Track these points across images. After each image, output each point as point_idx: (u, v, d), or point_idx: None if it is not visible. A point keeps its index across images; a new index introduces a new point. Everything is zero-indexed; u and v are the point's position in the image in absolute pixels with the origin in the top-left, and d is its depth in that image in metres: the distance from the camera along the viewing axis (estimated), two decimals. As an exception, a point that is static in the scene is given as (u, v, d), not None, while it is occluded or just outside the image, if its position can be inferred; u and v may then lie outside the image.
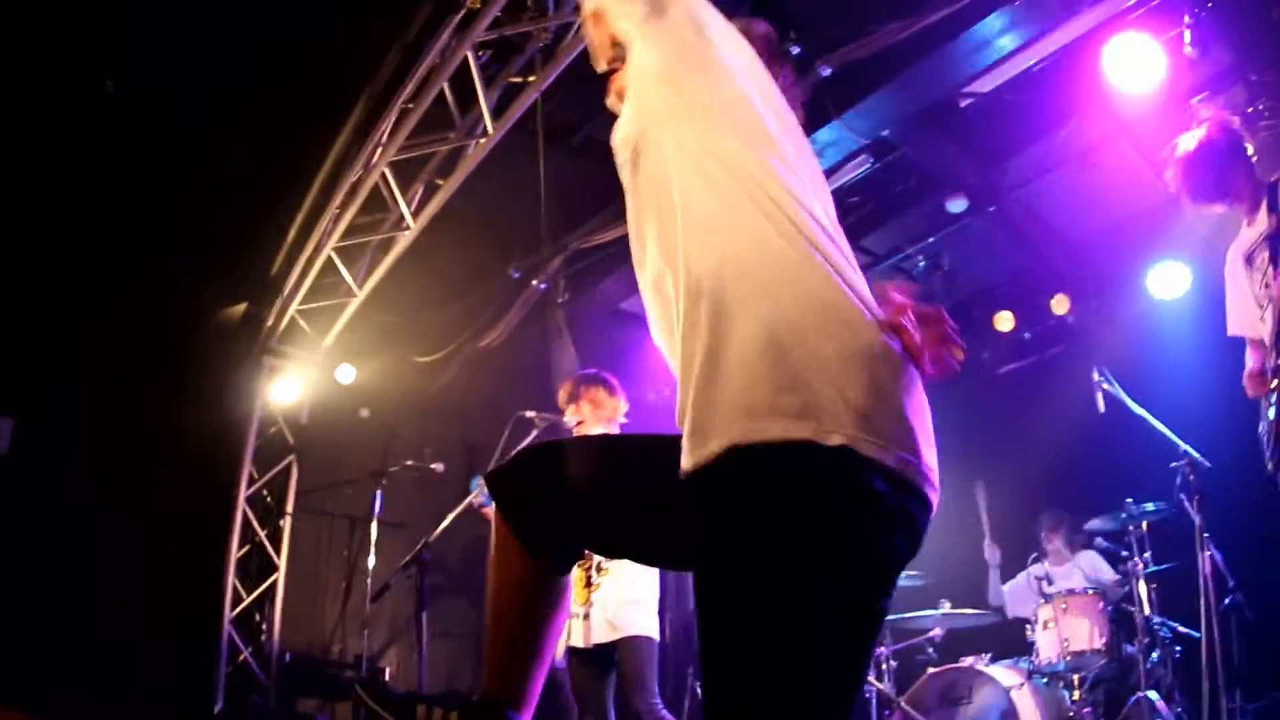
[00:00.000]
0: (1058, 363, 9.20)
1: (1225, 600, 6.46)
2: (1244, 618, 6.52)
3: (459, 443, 9.99)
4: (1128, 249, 8.39)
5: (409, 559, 6.99)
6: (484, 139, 7.30)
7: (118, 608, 8.85)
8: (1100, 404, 7.00)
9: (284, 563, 9.92)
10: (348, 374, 10.08)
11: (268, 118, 7.94)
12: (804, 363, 2.08)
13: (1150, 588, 7.07)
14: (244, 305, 9.95)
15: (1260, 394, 4.71)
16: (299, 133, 8.09)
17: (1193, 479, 6.59)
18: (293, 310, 9.53)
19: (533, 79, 6.84)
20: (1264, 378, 4.68)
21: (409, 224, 8.27)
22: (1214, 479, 6.61)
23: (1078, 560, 8.18)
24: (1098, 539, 8.01)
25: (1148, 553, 7.16)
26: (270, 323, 9.74)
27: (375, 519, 8.76)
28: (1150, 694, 6.69)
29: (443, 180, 7.90)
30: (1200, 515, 6.50)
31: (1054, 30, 6.43)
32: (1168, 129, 6.48)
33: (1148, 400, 6.95)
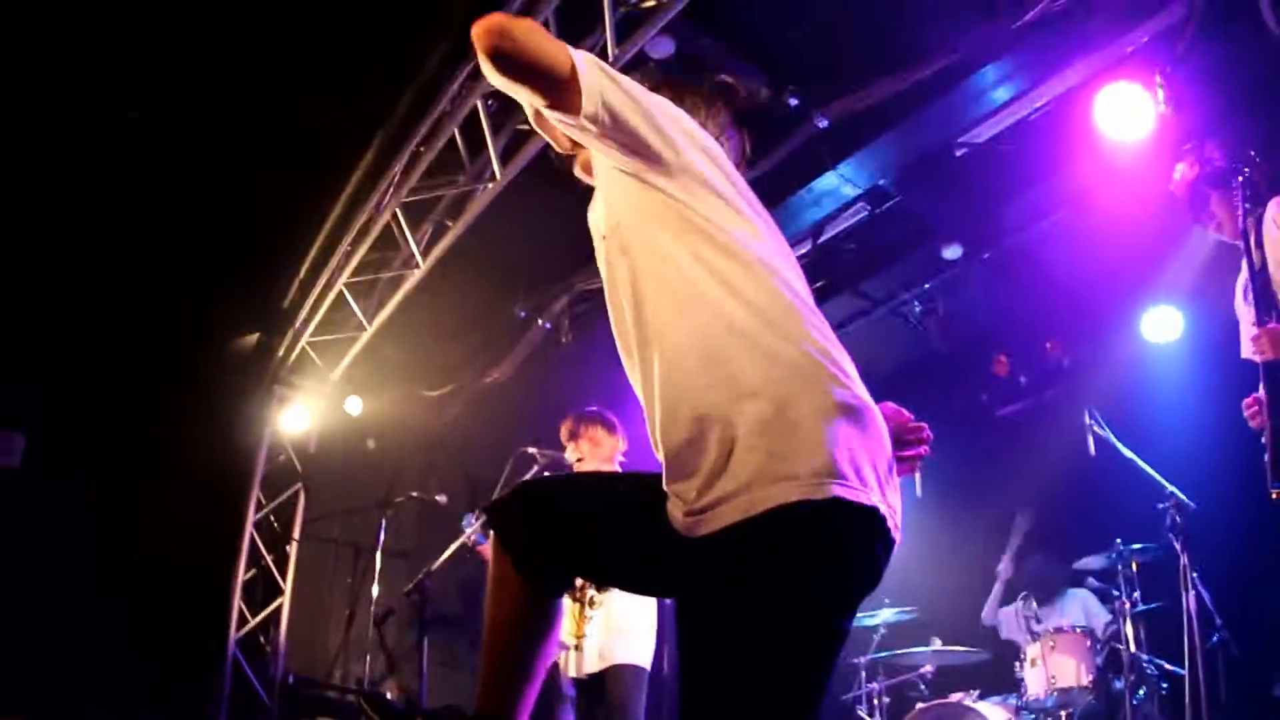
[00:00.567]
0: (1053, 405, 9.24)
1: (1211, 638, 6.52)
2: (1230, 654, 6.55)
3: (463, 476, 10.14)
4: (1121, 293, 8.48)
5: (411, 586, 7.14)
6: (492, 184, 7.46)
7: (124, 626, 8.98)
8: (1091, 446, 7.14)
9: (289, 587, 10.10)
10: (356, 406, 10.27)
11: (286, 155, 8.05)
12: (786, 429, 2.28)
13: (1138, 626, 7.14)
14: (256, 335, 10.15)
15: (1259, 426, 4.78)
16: (315, 171, 8.25)
17: (1179, 519, 6.67)
18: (304, 342, 9.73)
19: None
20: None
21: (418, 262, 8.42)
22: (1202, 519, 6.69)
23: (1067, 599, 8.20)
24: (1089, 578, 8.07)
25: (1136, 592, 7.22)
26: (281, 353, 9.94)
27: (379, 548, 8.85)
28: (1136, 732, 6.76)
29: (451, 222, 8.06)
30: (1185, 554, 6.64)
31: (1046, 81, 6.55)
32: (1159, 175, 6.67)
33: (1139, 441, 7.07)
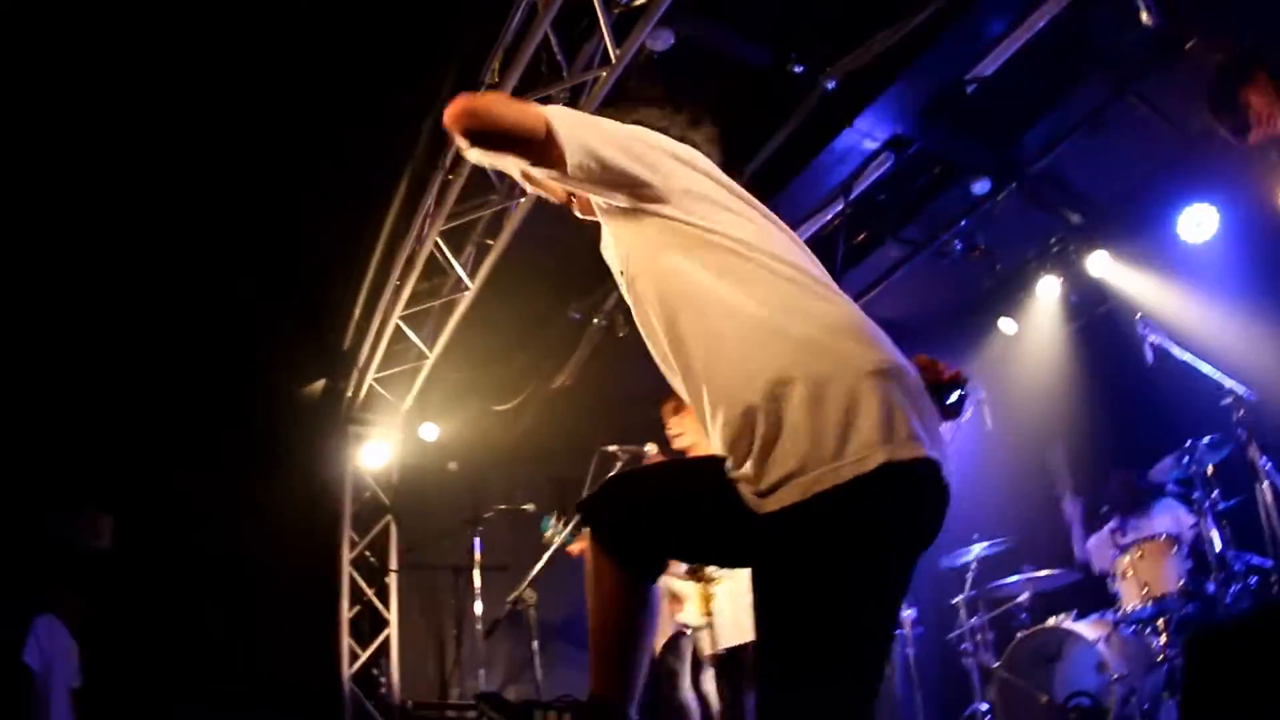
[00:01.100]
0: (1105, 321, 9.29)
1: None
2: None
3: (546, 481, 10.15)
4: (1153, 199, 8.48)
5: (515, 595, 7.31)
6: (524, 198, 7.58)
7: (237, 685, 9.19)
8: (1148, 354, 7.18)
9: (394, 617, 10.27)
10: (431, 432, 10.46)
11: (321, 204, 8.26)
12: (826, 407, 2.44)
13: (1221, 525, 7.15)
14: (322, 381, 10.36)
15: None
16: (351, 215, 8.45)
17: (1242, 412, 6.78)
18: (370, 379, 9.90)
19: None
20: None
21: (467, 284, 8.54)
22: (1263, 409, 6.79)
23: (1150, 509, 8.20)
24: (1167, 485, 8.05)
25: (1215, 491, 7.24)
26: (350, 394, 10.14)
27: (476, 565, 8.94)
28: (1236, 629, 6.81)
29: (492, 240, 8.15)
30: (1253, 445, 6.70)
31: (1037, 7, 6.58)
32: (1163, 80, 6.71)
33: (1192, 342, 7.13)
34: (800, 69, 6.98)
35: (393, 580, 10.42)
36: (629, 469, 6.29)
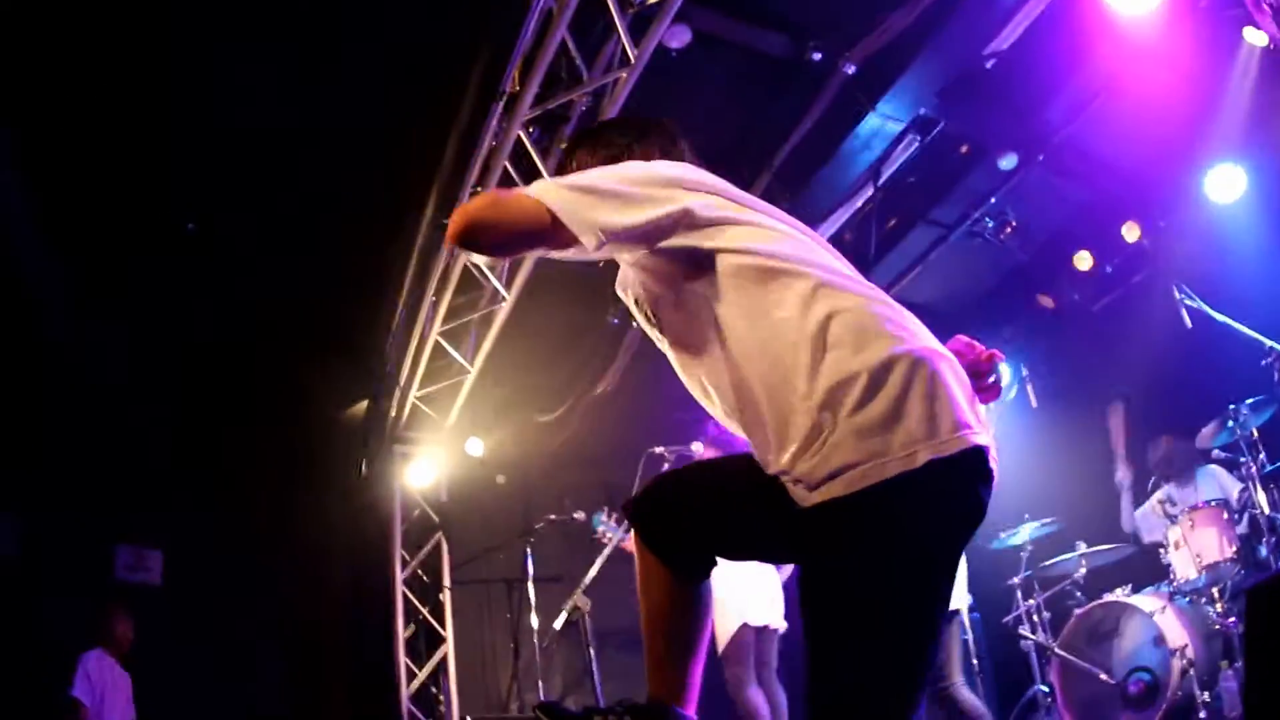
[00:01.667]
0: (1143, 288, 9.21)
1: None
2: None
3: (596, 488, 10.10)
4: (1180, 162, 8.38)
5: (570, 603, 7.33)
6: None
7: (301, 710, 9.36)
8: (1186, 319, 7.15)
9: (450, 634, 10.31)
10: (477, 447, 10.44)
11: (348, 226, 8.36)
12: (870, 405, 2.43)
13: (1270, 488, 7.13)
14: (365, 402, 10.43)
15: None
16: (382, 234, 8.50)
17: (1283, 369, 6.77)
18: (412, 398, 9.94)
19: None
20: None
21: (504, 295, 8.57)
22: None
23: (1198, 476, 8.13)
24: (1214, 451, 7.94)
25: (1262, 454, 7.22)
26: (394, 413, 10.18)
27: (530, 578, 8.93)
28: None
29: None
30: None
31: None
32: (1180, 42, 6.68)
33: (1229, 304, 7.12)
34: (818, 56, 7.03)
35: (447, 597, 10.46)
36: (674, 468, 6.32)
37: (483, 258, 2.43)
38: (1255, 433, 7.31)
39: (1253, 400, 7.26)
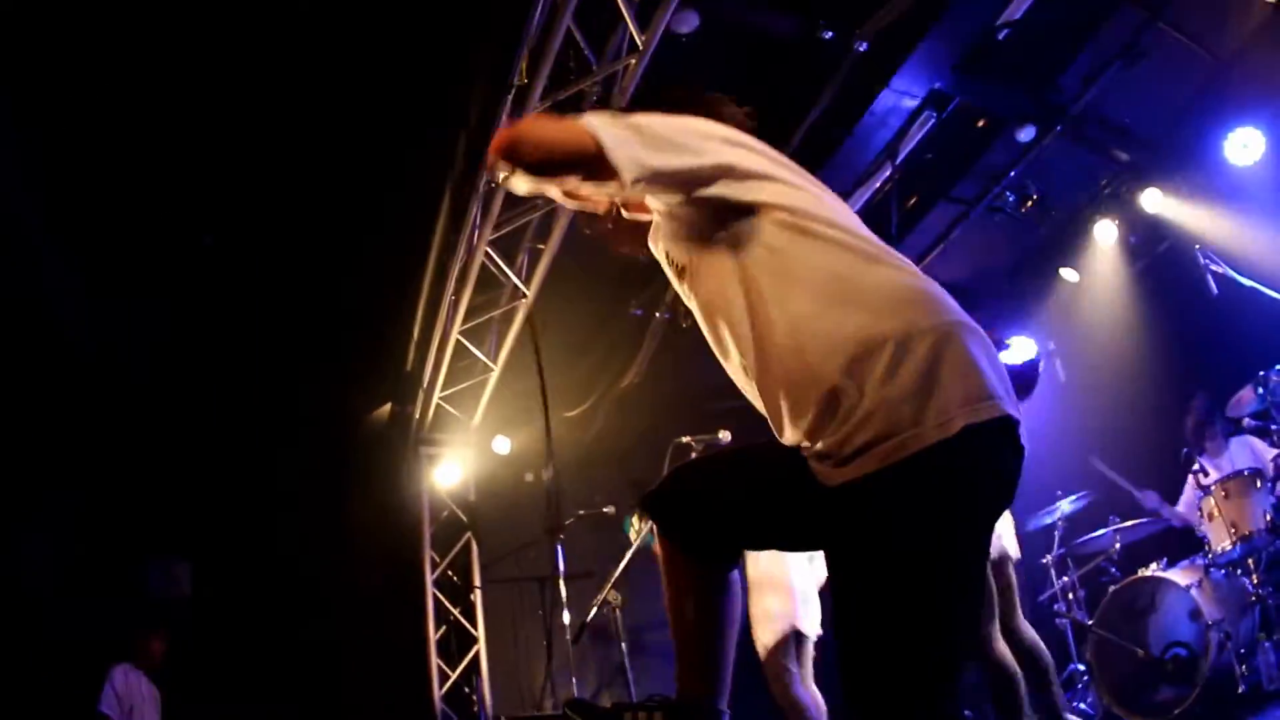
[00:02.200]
0: (1167, 258, 9.18)
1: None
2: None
3: (624, 482, 10.11)
4: (1197, 128, 8.34)
5: (600, 598, 7.28)
6: (570, 197, 7.53)
7: (332, 716, 9.38)
8: (1212, 286, 7.07)
9: (482, 634, 10.29)
10: (504, 445, 10.47)
11: (367, 227, 8.34)
12: (904, 373, 2.39)
13: (1304, 453, 7.00)
14: (389, 405, 10.41)
15: None
16: (397, 234, 8.48)
17: (1314, 333, 6.69)
18: (436, 399, 9.91)
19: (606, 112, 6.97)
20: None
21: (524, 292, 8.55)
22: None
23: (1229, 445, 8.06)
24: (1244, 419, 7.85)
25: (1294, 419, 7.11)
26: (418, 415, 10.16)
27: (561, 575, 8.87)
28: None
29: (543, 244, 8.15)
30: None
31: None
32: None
33: (1255, 269, 7.05)
34: (829, 34, 6.97)
35: (478, 598, 10.44)
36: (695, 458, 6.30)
37: (517, 179, 2.39)
38: (1285, 396, 7.21)
39: (1281, 363, 7.15)
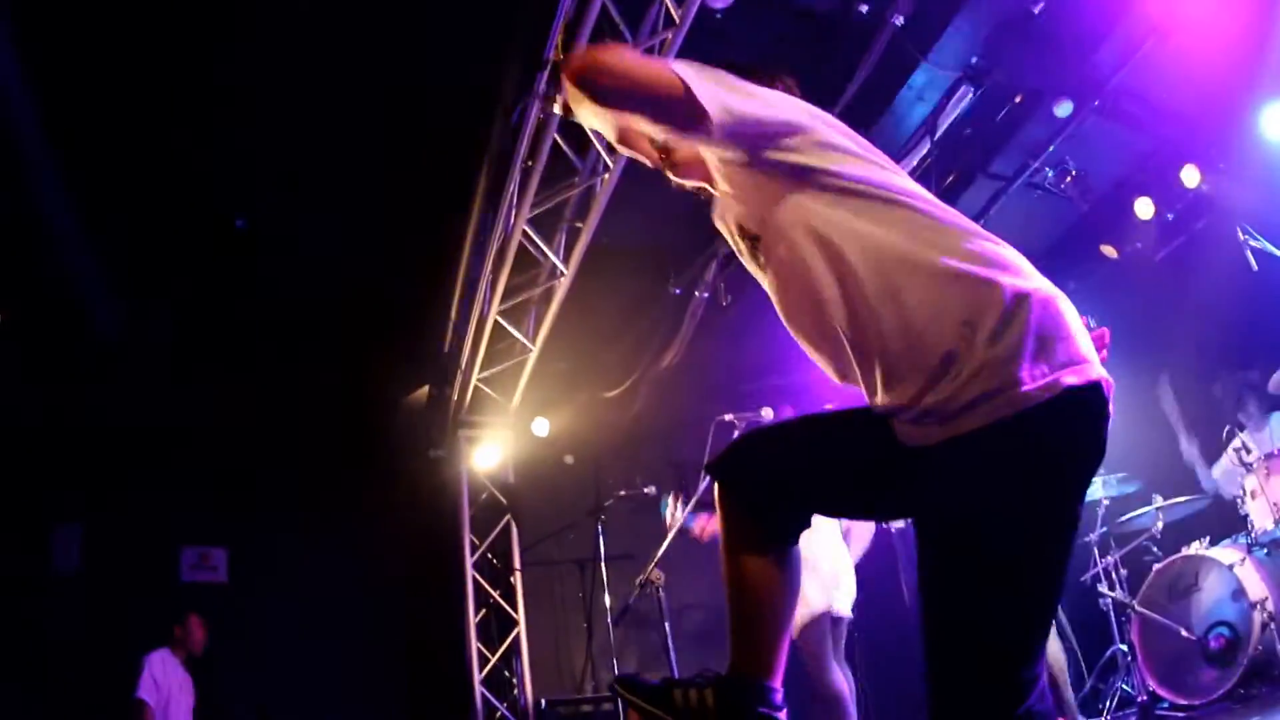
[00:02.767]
0: (1206, 234, 9.11)
1: None
2: None
3: (665, 463, 10.11)
4: (1235, 102, 8.23)
5: (643, 577, 7.29)
6: (607, 175, 7.54)
7: (371, 702, 9.44)
8: (1252, 262, 7.03)
9: (522, 617, 10.33)
10: (543, 427, 10.48)
11: (401, 210, 8.40)
12: (999, 336, 2.37)
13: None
14: (426, 388, 10.46)
15: None
16: (435, 217, 8.50)
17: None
18: (474, 381, 9.92)
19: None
20: None
21: (562, 270, 8.51)
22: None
23: (1272, 421, 8.00)
24: (1287, 395, 7.82)
25: (1337, 397, 7.08)
26: (456, 398, 10.19)
27: (602, 557, 8.94)
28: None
29: (581, 222, 8.12)
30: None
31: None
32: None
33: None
34: (865, 9, 6.97)
35: (517, 580, 10.49)
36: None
37: (585, 106, 2.35)
38: (1330, 372, 7.15)
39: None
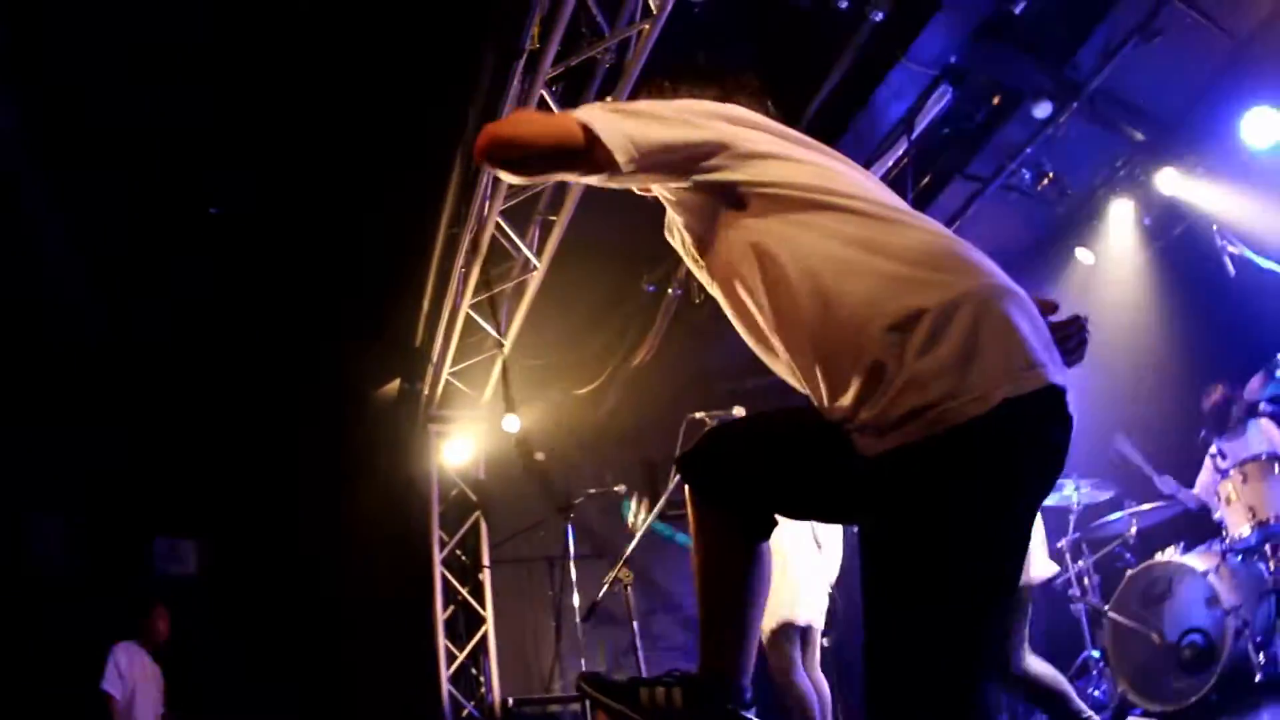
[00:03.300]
0: (1184, 239, 9.14)
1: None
2: None
3: (636, 461, 10.15)
4: (1214, 108, 8.27)
5: (611, 576, 7.23)
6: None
7: (334, 698, 9.41)
8: (1229, 266, 7.01)
9: (490, 615, 10.27)
10: (513, 423, 10.36)
11: (373, 199, 8.33)
12: (942, 342, 2.28)
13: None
14: (397, 381, 10.38)
15: None
16: (406, 205, 8.41)
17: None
18: (445, 375, 9.88)
19: (610, 98, 6.84)
20: None
21: (535, 264, 8.46)
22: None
23: (1247, 428, 7.96)
24: (1261, 403, 7.82)
25: (1314, 405, 7.08)
26: (426, 392, 10.12)
27: (571, 555, 8.85)
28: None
29: (555, 215, 8.07)
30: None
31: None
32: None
33: (1274, 249, 7.00)
34: (845, 4, 6.91)
35: (486, 577, 10.43)
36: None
37: (511, 176, 2.35)
38: (1306, 379, 7.15)
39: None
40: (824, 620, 7.07)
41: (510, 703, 9.63)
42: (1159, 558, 7.53)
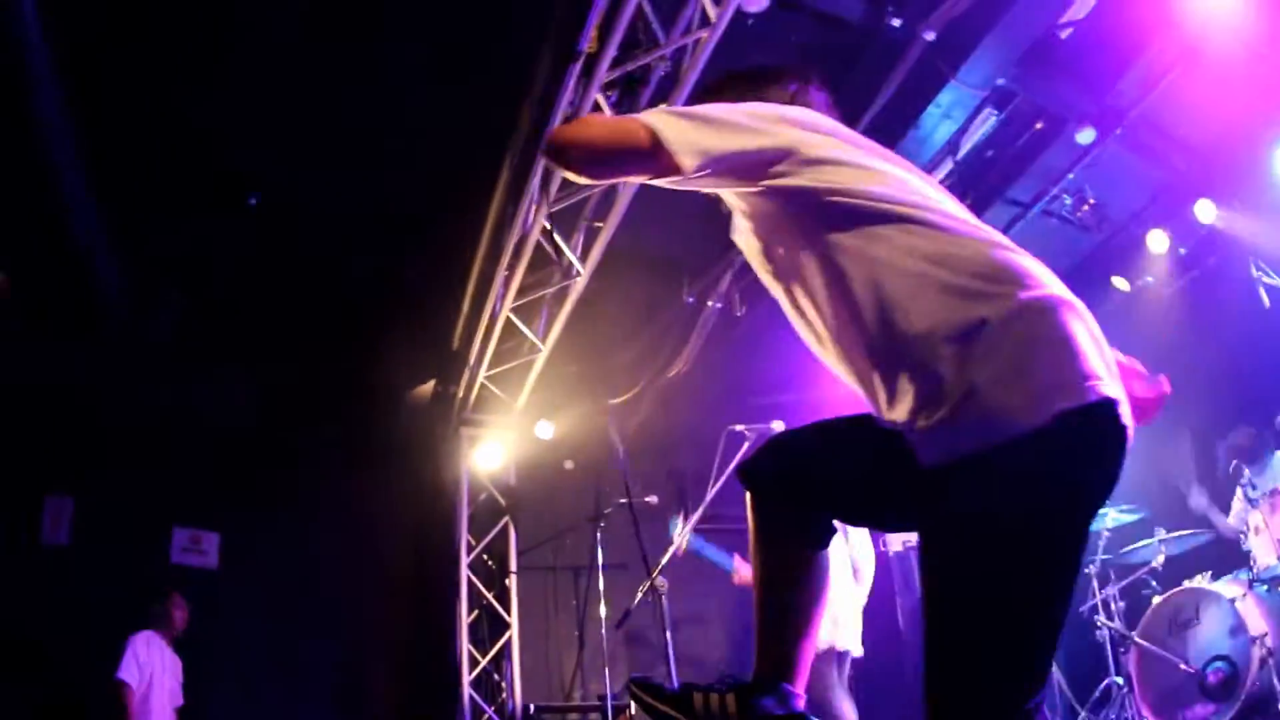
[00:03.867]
0: (1219, 270, 9.15)
1: None
2: None
3: (667, 473, 10.22)
4: (1252, 139, 8.29)
5: (647, 584, 7.26)
6: (632, 174, 7.51)
7: (356, 695, 9.42)
8: (1264, 298, 7.05)
9: (515, 620, 10.28)
10: (546, 430, 10.45)
11: (416, 199, 8.42)
12: (1002, 354, 2.31)
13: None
14: (431, 383, 10.45)
15: None
16: (453, 206, 8.49)
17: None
18: (481, 379, 9.88)
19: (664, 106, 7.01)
20: None
21: (578, 270, 8.43)
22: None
23: (1274, 460, 7.99)
24: (1293, 434, 7.77)
25: (1344, 436, 7.07)
26: (461, 395, 10.15)
27: (599, 565, 8.78)
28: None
29: (601, 223, 8.06)
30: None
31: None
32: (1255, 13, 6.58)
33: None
34: (897, 22, 7.01)
35: (512, 583, 10.44)
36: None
37: (578, 177, 2.40)
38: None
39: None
40: (860, 647, 7.13)
41: (531, 709, 9.56)
42: (1186, 585, 7.52)
